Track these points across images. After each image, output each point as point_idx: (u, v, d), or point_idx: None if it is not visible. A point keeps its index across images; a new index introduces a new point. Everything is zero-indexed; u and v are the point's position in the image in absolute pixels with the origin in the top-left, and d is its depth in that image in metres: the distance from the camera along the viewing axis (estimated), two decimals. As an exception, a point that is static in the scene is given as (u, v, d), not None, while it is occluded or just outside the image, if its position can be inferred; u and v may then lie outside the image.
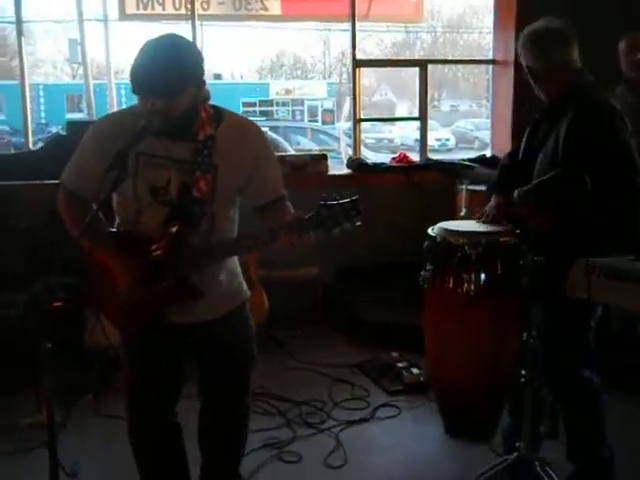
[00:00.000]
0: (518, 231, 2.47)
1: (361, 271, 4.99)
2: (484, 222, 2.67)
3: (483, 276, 2.46)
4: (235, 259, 2.33)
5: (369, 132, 18.42)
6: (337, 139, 14.08)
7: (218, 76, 20.78)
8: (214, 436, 2.45)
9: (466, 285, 2.48)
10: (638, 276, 2.09)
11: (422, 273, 2.63)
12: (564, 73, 2.49)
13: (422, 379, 3.67)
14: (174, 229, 2.06)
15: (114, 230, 2.19)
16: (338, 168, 5.62)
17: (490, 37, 5.84)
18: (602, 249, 2.30)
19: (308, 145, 13.75)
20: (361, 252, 4.93)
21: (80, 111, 17.70)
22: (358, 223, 1.97)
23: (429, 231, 2.61)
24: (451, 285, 2.53)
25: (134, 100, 2.04)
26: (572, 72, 2.51)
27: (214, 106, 2.14)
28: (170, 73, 1.89)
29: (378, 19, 7.12)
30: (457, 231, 2.57)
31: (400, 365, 3.86)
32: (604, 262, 2.19)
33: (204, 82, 2.04)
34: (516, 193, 2.48)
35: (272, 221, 2.09)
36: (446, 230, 2.58)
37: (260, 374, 2.54)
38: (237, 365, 2.35)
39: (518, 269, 2.42)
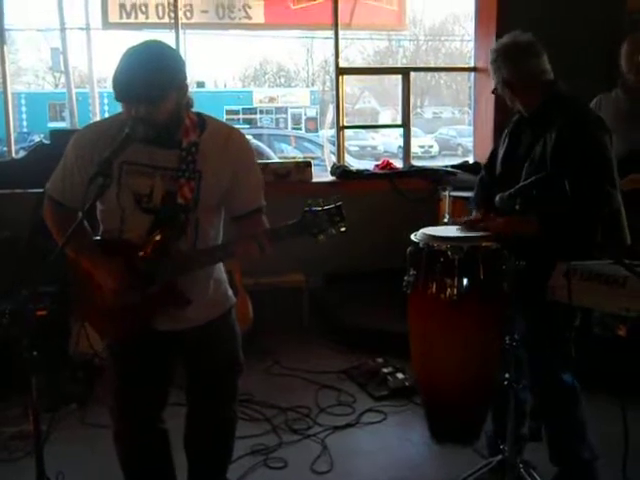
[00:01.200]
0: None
1: (347, 277, 5.01)
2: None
3: (465, 281, 2.49)
4: (221, 266, 2.34)
5: (352, 139, 18.48)
6: (321, 146, 14.11)
7: (201, 84, 20.76)
8: (201, 442, 2.45)
9: (449, 290, 2.51)
10: (617, 279, 2.12)
11: (405, 278, 2.66)
12: (541, 84, 2.54)
13: (407, 384, 3.70)
14: (158, 236, 2.07)
15: (99, 238, 2.20)
16: (322, 175, 5.64)
17: (472, 45, 5.90)
18: (583, 253, 2.34)
19: (292, 153, 13.77)
20: (346, 259, 4.95)
21: (62, 120, 17.61)
22: (343, 229, 1.99)
23: (412, 237, 2.63)
24: (434, 290, 2.56)
25: (117, 108, 2.05)
26: (548, 82, 2.56)
27: (197, 113, 2.16)
28: (153, 78, 1.91)
29: (361, 28, 7.15)
30: (439, 237, 2.60)
31: (385, 370, 3.88)
32: (585, 265, 2.22)
33: (187, 87, 2.05)
34: (498, 197, 2.52)
35: (245, 231, 2.11)
36: (429, 236, 2.61)
37: (246, 381, 2.55)
38: (223, 371, 2.36)
39: (500, 274, 2.46)
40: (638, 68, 3.80)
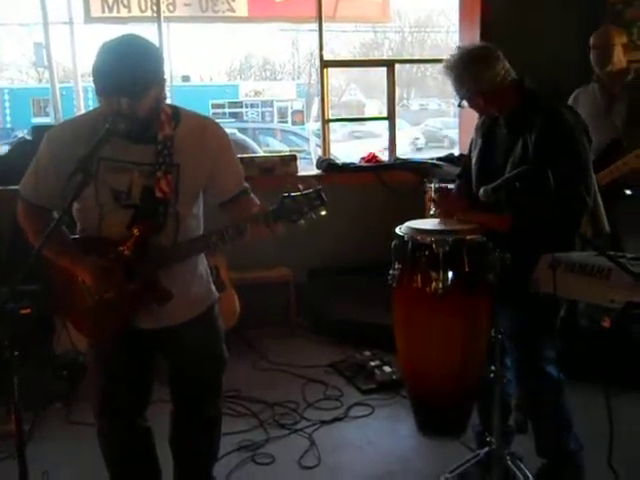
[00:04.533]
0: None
1: (333, 271, 5.00)
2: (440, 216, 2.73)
3: (450, 274, 2.48)
4: (204, 261, 2.33)
5: (339, 132, 18.45)
6: (307, 140, 14.08)
7: (187, 78, 20.66)
8: (186, 439, 2.44)
9: (434, 283, 2.50)
10: (602, 270, 2.12)
11: (390, 272, 2.65)
12: (511, 85, 2.53)
13: (394, 377, 3.71)
14: (137, 231, 2.05)
15: (77, 237, 2.17)
16: (308, 169, 5.63)
17: (457, 36, 5.89)
18: (567, 245, 2.35)
19: (278, 146, 13.71)
20: (332, 252, 4.95)
21: (47, 115, 17.46)
22: (323, 212, 1.98)
23: (396, 230, 2.63)
24: (419, 284, 2.55)
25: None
26: (516, 82, 2.55)
27: (171, 106, 2.14)
28: (136, 72, 1.88)
29: (345, 20, 7.14)
30: (424, 230, 2.59)
31: (372, 364, 3.88)
32: (569, 257, 2.22)
33: (164, 82, 2.03)
34: (482, 190, 2.51)
35: (238, 215, 2.10)
36: (413, 229, 2.60)
37: (233, 376, 2.55)
38: (207, 368, 2.35)
39: (485, 266, 2.45)
40: (602, 62, 3.84)
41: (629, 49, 4.13)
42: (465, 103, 2.61)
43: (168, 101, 2.20)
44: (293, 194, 1.97)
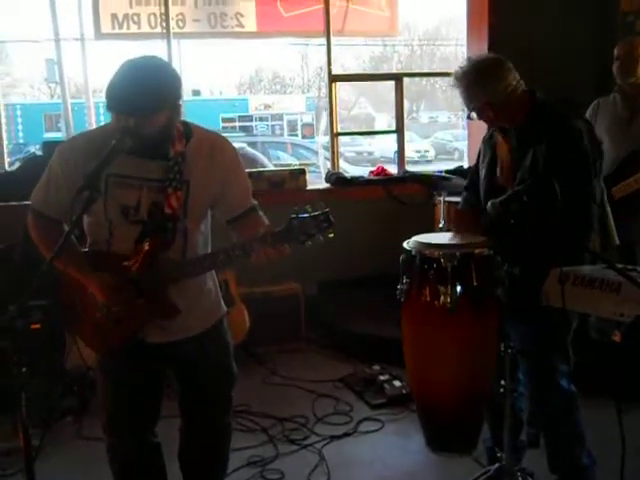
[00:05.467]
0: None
1: (343, 285, 5.00)
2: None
3: (459, 288, 2.47)
4: (213, 275, 2.33)
5: (349, 145, 18.52)
6: (316, 153, 14.12)
7: (197, 92, 20.76)
8: (195, 455, 2.43)
9: (442, 297, 2.48)
10: (611, 284, 2.11)
11: (399, 287, 2.64)
12: (522, 97, 2.53)
13: (404, 391, 3.68)
14: (147, 246, 2.06)
15: (87, 250, 2.18)
16: (317, 182, 5.64)
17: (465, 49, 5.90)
18: (576, 258, 2.33)
19: (288, 160, 13.76)
20: (342, 266, 4.94)
21: (58, 130, 17.59)
22: (330, 235, 1.98)
23: (404, 245, 2.62)
24: (428, 298, 2.54)
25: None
26: (527, 94, 2.54)
27: (184, 122, 2.15)
28: (150, 94, 1.91)
29: (353, 34, 7.15)
30: (432, 244, 2.58)
31: (382, 378, 3.87)
32: (577, 270, 2.21)
33: (180, 106, 2.04)
34: (490, 204, 2.51)
35: (247, 232, 2.11)
36: (421, 243, 2.59)
37: (242, 391, 2.54)
38: (216, 383, 2.34)
39: (494, 280, 2.44)
40: (626, 72, 3.81)
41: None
42: (474, 115, 2.58)
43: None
44: (301, 215, 1.97)
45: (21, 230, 3.95)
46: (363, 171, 6.64)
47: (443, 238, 2.69)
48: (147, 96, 1.90)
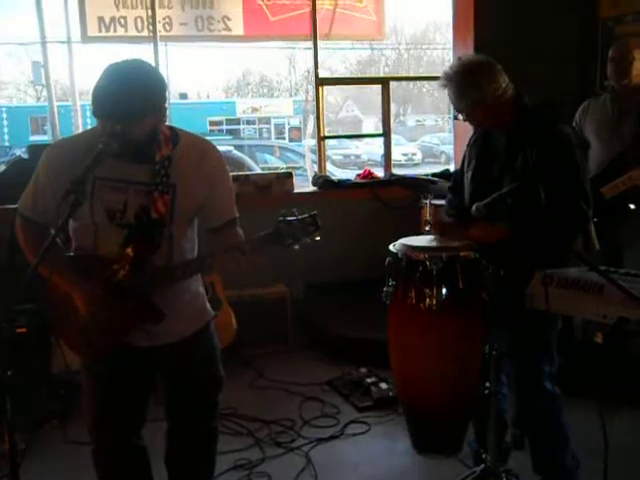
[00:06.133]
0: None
1: (330, 288, 5.00)
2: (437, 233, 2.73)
3: (445, 291, 2.49)
4: (199, 279, 2.33)
5: (336, 148, 18.54)
6: (304, 156, 14.12)
7: (184, 95, 20.76)
8: (182, 459, 2.42)
9: (428, 300, 2.50)
10: (594, 286, 2.13)
11: (385, 289, 2.65)
12: (510, 100, 2.54)
13: (391, 394, 3.69)
14: (132, 251, 2.06)
15: (72, 255, 2.18)
16: (305, 185, 5.65)
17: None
18: (560, 261, 2.35)
19: (275, 163, 13.76)
20: (329, 269, 4.95)
21: (44, 133, 17.54)
22: (317, 238, 1.99)
23: (390, 247, 2.63)
24: (413, 300, 2.56)
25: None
26: (515, 97, 2.56)
27: (170, 127, 2.15)
28: (135, 99, 1.90)
29: (340, 38, 7.13)
30: (418, 246, 2.60)
31: (369, 381, 3.88)
32: (562, 273, 2.23)
33: (165, 109, 2.05)
34: (475, 207, 2.52)
35: (223, 243, 2.11)
36: (407, 246, 2.61)
37: (229, 394, 2.53)
38: (202, 386, 2.34)
39: (479, 283, 2.46)
40: (619, 74, 3.85)
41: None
42: (461, 116, 2.57)
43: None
44: (288, 218, 1.98)
45: (5, 234, 3.95)
46: (350, 174, 6.65)
47: (429, 241, 2.70)
48: (132, 102, 1.90)
